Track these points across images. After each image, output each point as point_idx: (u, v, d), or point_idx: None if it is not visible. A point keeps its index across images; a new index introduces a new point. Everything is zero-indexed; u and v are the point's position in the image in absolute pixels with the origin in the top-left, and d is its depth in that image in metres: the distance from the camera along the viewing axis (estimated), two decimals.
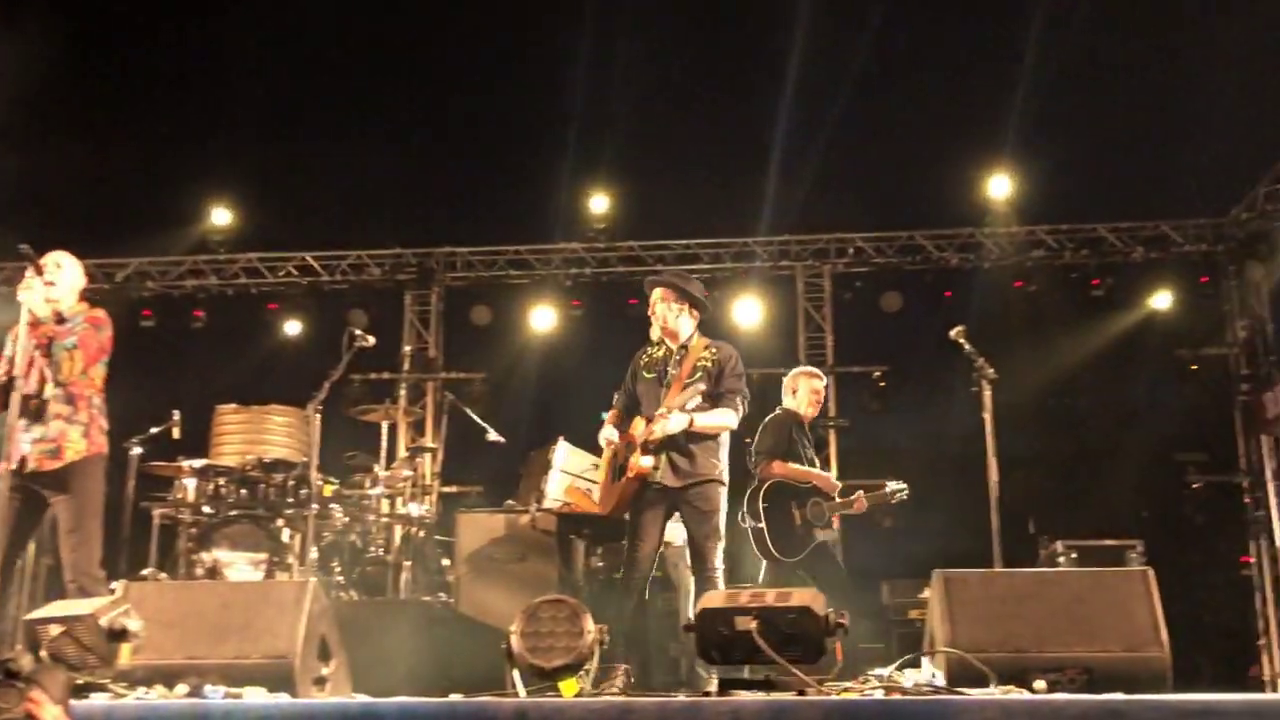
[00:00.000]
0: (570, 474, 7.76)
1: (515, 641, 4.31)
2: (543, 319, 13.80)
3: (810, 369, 7.88)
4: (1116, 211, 13.65)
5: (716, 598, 3.96)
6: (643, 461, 5.76)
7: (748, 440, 7.51)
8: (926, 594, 5.34)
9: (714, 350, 6.15)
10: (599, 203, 13.71)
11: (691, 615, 4.19)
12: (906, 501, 7.57)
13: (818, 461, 7.49)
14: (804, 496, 7.10)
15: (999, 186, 13.23)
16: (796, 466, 7.16)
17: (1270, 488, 12.78)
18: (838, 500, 7.19)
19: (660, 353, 6.24)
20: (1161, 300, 13.31)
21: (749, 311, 13.46)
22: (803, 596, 3.88)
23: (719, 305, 13.57)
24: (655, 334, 6.34)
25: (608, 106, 13.32)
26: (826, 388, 7.81)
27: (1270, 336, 13.11)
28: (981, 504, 6.48)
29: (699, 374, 6.00)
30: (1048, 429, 25.08)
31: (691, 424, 5.80)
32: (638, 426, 5.91)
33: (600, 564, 7.73)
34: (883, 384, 13.62)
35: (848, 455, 14.19)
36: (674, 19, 13.51)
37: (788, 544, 6.92)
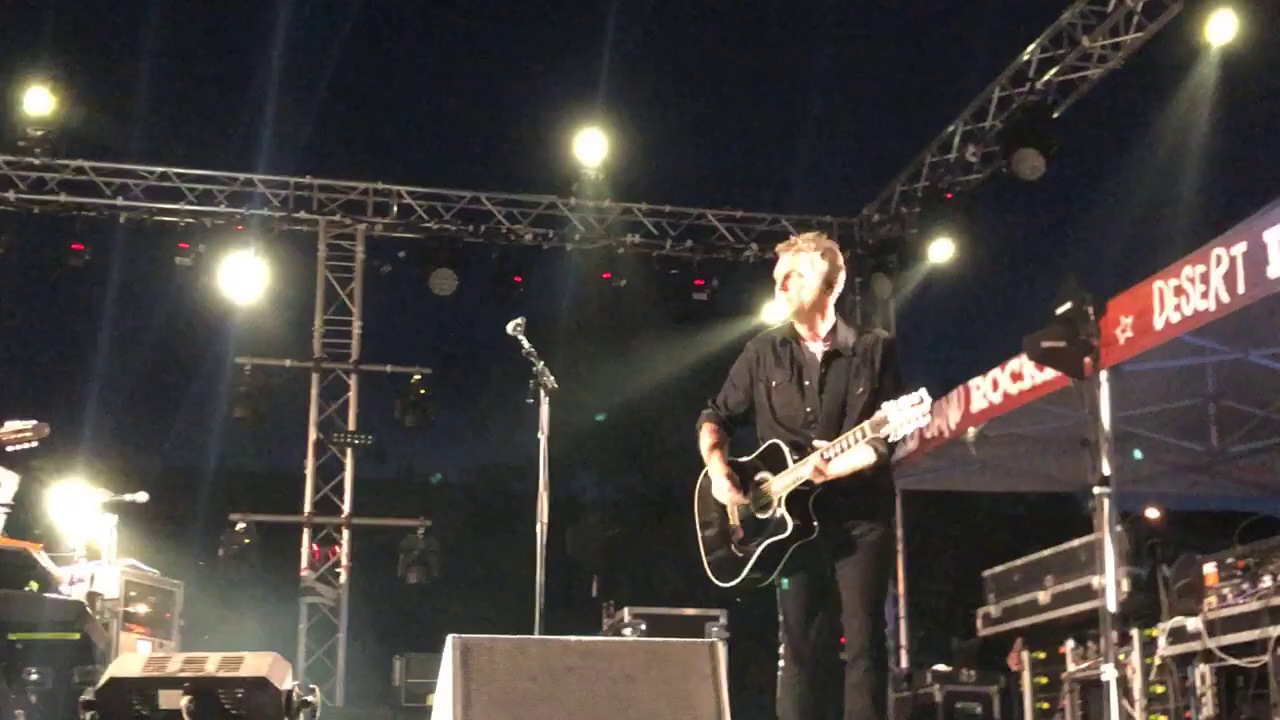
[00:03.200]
0: None
1: None
2: None
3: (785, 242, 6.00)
4: (730, 199, 14.58)
5: (133, 663, 3.73)
6: None
7: None
8: None
9: None
10: (39, 101, 12.80)
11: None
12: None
13: (815, 385, 5.63)
14: (749, 471, 5.65)
15: (591, 147, 13.63)
16: (706, 443, 5.79)
17: None
18: (792, 463, 5.46)
19: None
20: (776, 311, 14.31)
21: (247, 277, 13.10)
22: (258, 664, 3.74)
23: (204, 263, 13.13)
24: None
25: None
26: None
27: None
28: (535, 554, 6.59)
29: None
30: (628, 464, 26.39)
31: None
32: None
33: None
34: (424, 390, 13.68)
35: (368, 486, 14.17)
36: None
37: (721, 560, 5.69)
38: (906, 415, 5.14)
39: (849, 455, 5.36)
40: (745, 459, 5.72)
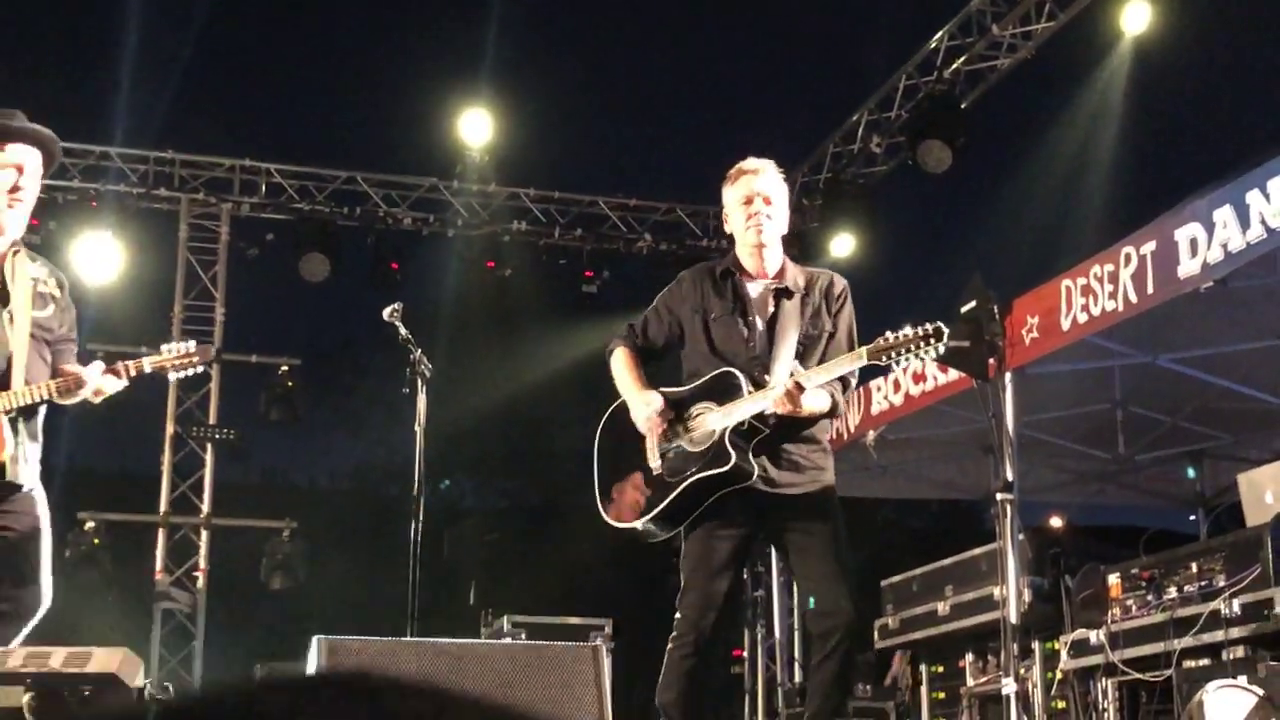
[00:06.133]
0: None
1: None
2: None
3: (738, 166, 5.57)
4: (624, 186, 14.63)
5: None
6: None
7: None
8: None
9: None
10: None
11: None
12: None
13: (758, 327, 5.17)
14: (686, 404, 5.15)
15: (476, 127, 13.64)
16: (620, 365, 5.30)
17: (774, 556, 14.09)
18: (748, 393, 4.98)
19: None
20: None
21: (101, 258, 12.92)
22: (107, 660, 3.70)
23: (54, 241, 12.96)
24: None
25: None
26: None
27: None
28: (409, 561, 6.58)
29: None
30: (511, 469, 26.35)
31: None
32: None
33: None
34: (292, 384, 13.59)
35: (229, 485, 14.02)
36: None
37: (628, 493, 5.31)
38: (911, 343, 4.65)
39: (818, 395, 4.92)
40: (683, 389, 5.17)
